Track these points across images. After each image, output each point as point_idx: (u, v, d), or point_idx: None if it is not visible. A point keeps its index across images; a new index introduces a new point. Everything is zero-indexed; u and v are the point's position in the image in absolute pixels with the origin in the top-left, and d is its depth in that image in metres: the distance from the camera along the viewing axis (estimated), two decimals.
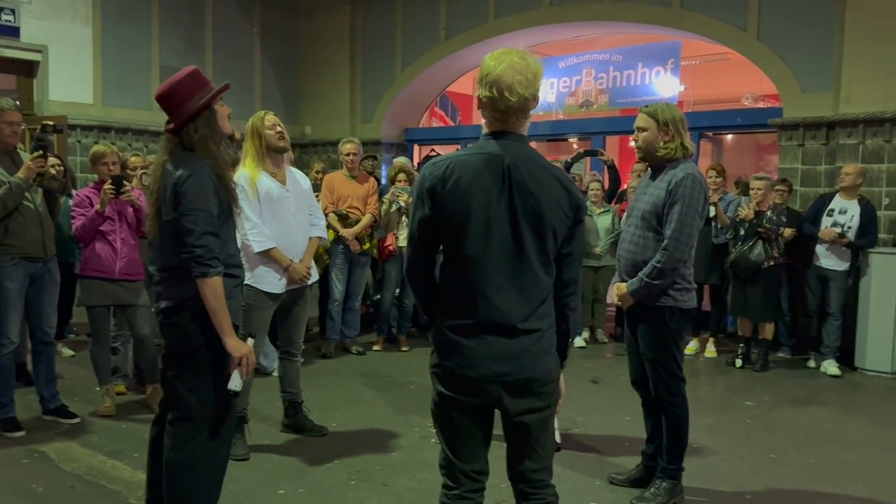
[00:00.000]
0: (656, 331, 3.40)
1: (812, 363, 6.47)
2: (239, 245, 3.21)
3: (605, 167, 7.69)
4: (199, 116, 2.76)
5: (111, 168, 4.70)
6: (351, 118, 10.73)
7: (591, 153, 7.79)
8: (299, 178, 4.24)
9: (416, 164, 10.60)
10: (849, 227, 6.21)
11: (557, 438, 2.42)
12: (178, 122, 2.76)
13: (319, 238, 4.34)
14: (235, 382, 2.80)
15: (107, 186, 4.53)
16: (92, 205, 4.62)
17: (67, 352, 6.20)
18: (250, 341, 2.88)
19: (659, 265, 3.28)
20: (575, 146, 10.44)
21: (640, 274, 3.34)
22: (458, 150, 8.29)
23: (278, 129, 4.05)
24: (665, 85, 8.97)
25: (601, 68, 9.54)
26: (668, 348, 3.41)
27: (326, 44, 10.85)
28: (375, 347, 6.75)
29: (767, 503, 3.62)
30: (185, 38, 10.03)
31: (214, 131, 2.81)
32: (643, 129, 3.41)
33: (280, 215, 4.01)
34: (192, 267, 2.66)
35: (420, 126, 11.10)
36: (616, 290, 3.49)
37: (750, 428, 4.78)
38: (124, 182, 4.63)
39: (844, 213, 6.26)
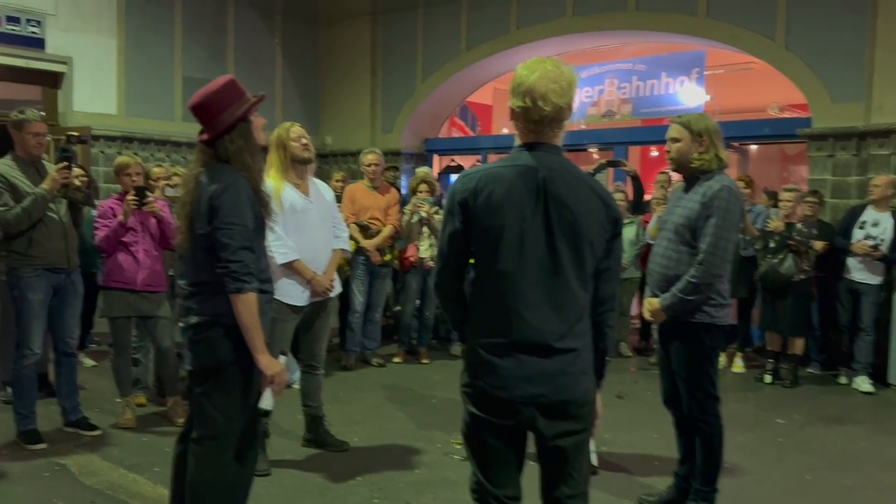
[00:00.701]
0: (690, 348, 3.30)
1: (844, 379, 6.31)
2: None
3: (629, 178, 7.58)
4: (236, 128, 2.70)
5: (134, 179, 4.68)
6: (371, 128, 10.70)
7: (613, 164, 7.69)
8: (323, 190, 4.19)
9: (435, 174, 10.56)
10: (882, 240, 6.06)
11: (594, 461, 2.33)
12: (213, 133, 2.70)
13: (342, 250, 4.29)
14: (267, 401, 2.74)
15: (130, 198, 4.51)
16: (115, 216, 4.60)
17: (89, 362, 6.19)
18: (282, 359, 2.82)
19: (693, 280, 3.18)
20: (596, 156, 10.35)
21: (674, 289, 3.24)
22: (478, 160, 8.23)
23: (304, 140, 4.01)
24: (689, 95, 8.86)
25: (624, 78, 9.45)
26: (702, 367, 3.31)
27: (347, 54, 10.85)
28: (396, 360, 6.68)
29: None
30: (207, 48, 10.06)
31: (250, 143, 2.75)
32: (676, 140, 3.32)
33: (303, 227, 3.96)
34: (227, 282, 2.60)
35: (440, 136, 11.04)
36: (647, 306, 3.39)
37: (782, 447, 4.64)
38: (147, 193, 4.60)
39: (877, 226, 6.11)
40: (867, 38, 6.78)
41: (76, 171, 5.42)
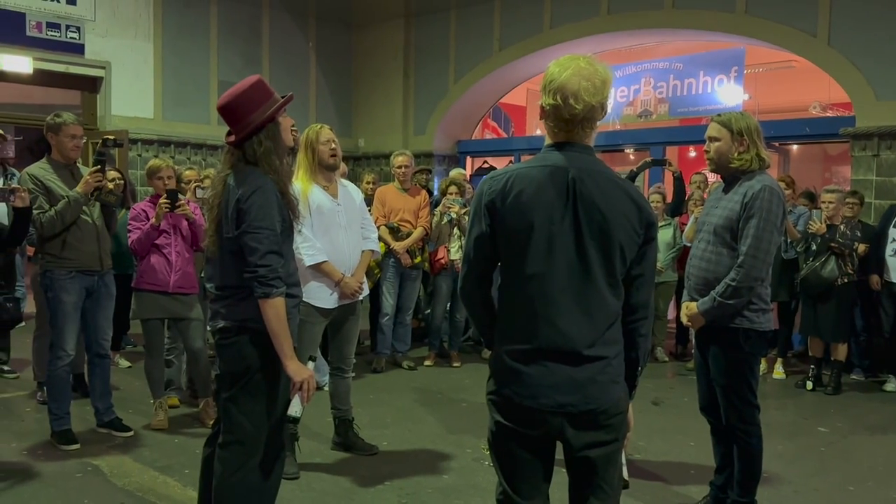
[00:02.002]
0: (730, 355, 3.18)
1: (890, 386, 6.09)
2: None
3: (673, 178, 7.42)
4: (264, 129, 2.66)
5: (166, 182, 4.70)
6: (403, 130, 10.70)
7: (658, 162, 7.55)
8: (352, 192, 4.16)
9: (468, 176, 10.51)
10: None
11: (625, 475, 2.24)
12: (241, 134, 2.67)
13: (372, 252, 4.25)
14: (296, 408, 2.71)
15: (162, 201, 4.54)
16: (148, 218, 4.63)
17: (124, 363, 6.26)
18: (311, 365, 2.79)
19: (734, 283, 3.07)
20: (632, 157, 10.19)
21: (713, 293, 3.13)
22: (510, 162, 8.15)
23: (332, 145, 3.98)
24: (728, 94, 8.68)
25: (661, 77, 9.30)
26: (742, 374, 3.19)
27: (380, 57, 10.87)
28: (427, 363, 6.63)
29: None
30: (242, 53, 10.16)
31: (278, 144, 2.72)
32: (716, 140, 3.21)
33: (331, 229, 3.94)
34: (255, 287, 2.57)
35: (473, 138, 10.99)
36: (686, 311, 3.28)
37: (824, 456, 4.49)
38: (179, 196, 4.63)
39: None
40: None
41: (111, 174, 5.50)
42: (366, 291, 4.17)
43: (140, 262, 4.68)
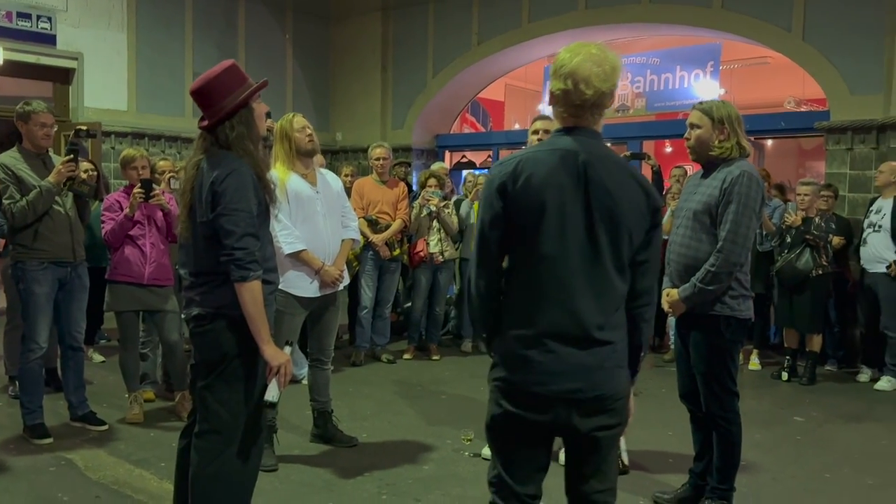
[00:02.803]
0: (710, 342, 3.20)
1: (864, 377, 6.18)
2: None
3: (652, 172, 7.45)
4: (237, 114, 2.63)
5: (140, 172, 4.62)
6: (382, 125, 10.65)
7: (637, 156, 7.58)
8: (330, 180, 4.13)
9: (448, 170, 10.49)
10: (880, 226, 5.95)
11: (625, 460, 2.25)
12: (213, 119, 2.64)
13: (353, 240, 4.22)
14: (273, 393, 2.68)
15: (136, 190, 4.46)
16: (122, 209, 4.56)
17: (98, 357, 6.16)
18: (288, 349, 2.76)
19: (713, 269, 3.08)
20: None
21: (693, 279, 3.14)
22: (489, 157, 8.11)
23: (308, 131, 3.95)
24: (705, 89, 8.71)
25: (638, 72, 9.33)
26: (722, 361, 3.21)
27: (357, 50, 10.80)
28: (406, 356, 6.60)
29: None
30: (218, 45, 10.02)
31: (252, 130, 2.68)
32: (697, 127, 3.23)
33: (310, 217, 3.90)
34: (232, 270, 2.54)
35: (451, 132, 10.97)
36: (667, 297, 3.28)
37: (800, 445, 4.53)
38: (153, 186, 4.55)
39: (879, 213, 6.01)
40: (886, 28, 6.64)
41: (84, 164, 5.40)
42: (347, 280, 4.14)
43: (114, 253, 4.60)
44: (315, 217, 3.91)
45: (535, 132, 4.01)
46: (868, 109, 6.78)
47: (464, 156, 10.76)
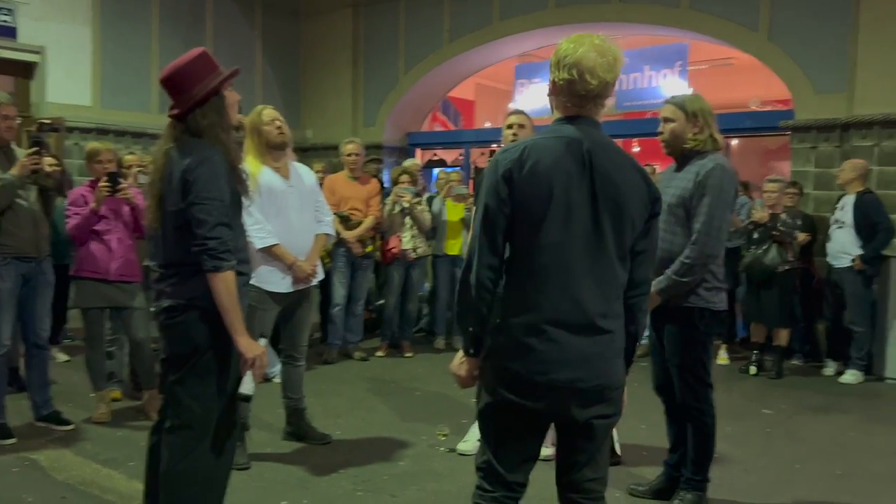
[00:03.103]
0: (685, 334, 3.22)
1: (829, 370, 6.29)
2: None
3: None
4: (208, 102, 2.58)
5: (106, 166, 4.53)
6: (353, 122, 10.57)
7: None
8: (303, 174, 4.08)
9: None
10: (843, 222, 6.08)
11: (618, 450, 2.27)
12: (183, 106, 2.58)
13: (326, 235, 4.17)
14: (248, 386, 2.64)
15: (102, 184, 4.36)
16: (87, 203, 4.45)
17: (62, 356, 6.01)
18: (262, 341, 2.72)
19: (688, 261, 3.11)
20: None
21: (668, 271, 3.16)
22: (461, 155, 8.09)
23: (277, 123, 3.89)
24: (672, 88, 8.81)
25: None
26: (696, 353, 3.24)
27: (328, 47, 10.70)
28: (379, 353, 6.57)
29: None
30: (185, 40, 9.83)
31: (223, 118, 2.63)
32: (670, 120, 3.25)
33: (283, 211, 3.85)
34: (204, 260, 2.47)
35: (422, 130, 10.93)
36: None
37: (770, 437, 4.60)
38: (120, 179, 4.45)
39: (843, 209, 6.13)
40: (850, 29, 6.77)
41: (48, 158, 5.27)
42: (321, 276, 4.09)
43: (79, 248, 4.49)
44: (288, 211, 3.86)
45: (510, 126, 4.02)
46: (832, 108, 6.90)
47: (435, 154, 10.75)
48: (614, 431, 2.25)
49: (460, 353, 2.20)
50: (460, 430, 4.29)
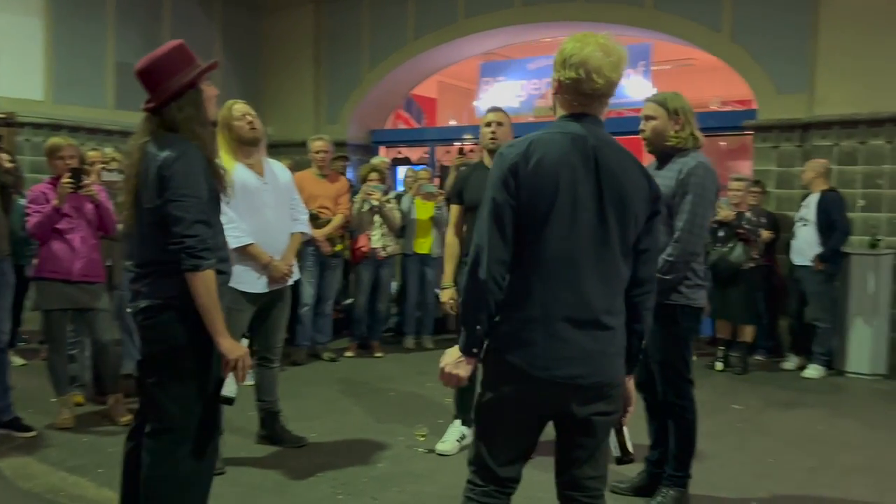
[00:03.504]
0: (666, 331, 3.22)
1: (789, 364, 6.42)
2: None
3: None
4: (184, 95, 2.50)
5: (68, 162, 4.35)
6: (315, 119, 10.42)
7: None
8: (277, 171, 3.98)
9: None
10: (807, 220, 6.22)
11: (630, 448, 2.26)
12: (159, 100, 2.51)
13: (302, 234, 4.08)
14: (230, 388, 2.55)
15: (65, 180, 4.19)
16: (48, 201, 4.29)
17: (18, 361, 5.77)
18: (245, 342, 2.64)
19: (671, 259, 3.12)
20: None
21: None
22: (425, 153, 8.06)
23: (248, 118, 3.79)
24: (636, 88, 8.91)
25: None
26: (678, 350, 3.26)
27: (289, 42, 10.54)
28: (348, 353, 6.48)
29: None
30: (142, 33, 9.59)
31: (200, 112, 2.55)
32: (652, 118, 3.26)
33: (258, 209, 3.75)
34: (182, 259, 2.39)
35: (386, 128, 10.85)
36: None
37: (742, 432, 4.66)
38: (83, 176, 4.29)
39: (807, 208, 6.27)
40: (810, 31, 6.91)
41: (4, 155, 5.07)
42: (296, 275, 4.00)
43: (41, 248, 4.32)
44: (263, 209, 3.77)
45: (488, 124, 4.00)
46: (793, 109, 7.04)
47: (399, 151, 10.66)
48: (625, 430, 2.23)
49: (456, 352, 2.09)
50: (438, 430, 4.25)
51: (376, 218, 6.34)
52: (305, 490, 3.55)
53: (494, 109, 4.07)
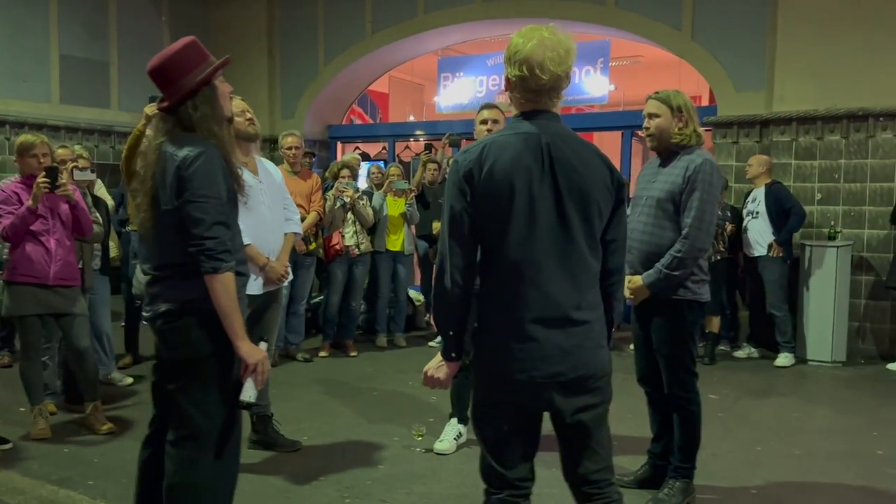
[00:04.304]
0: (673, 326, 3.28)
1: (741, 353, 6.67)
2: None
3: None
4: (199, 93, 2.43)
5: (42, 160, 4.15)
6: (270, 114, 10.20)
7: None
8: (271, 170, 3.89)
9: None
10: (757, 213, 6.44)
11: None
12: (173, 99, 2.44)
13: (295, 234, 3.99)
14: (249, 393, 2.48)
15: (40, 180, 3.99)
16: (21, 201, 4.08)
17: None
18: (263, 345, 2.57)
19: (679, 255, 3.16)
20: None
21: (658, 265, 3.21)
22: (384, 148, 8.05)
23: (248, 115, 3.71)
24: (595, 84, 9.04)
25: None
26: (684, 343, 3.31)
27: (241, 35, 10.27)
28: (322, 354, 6.38)
29: (774, 497, 3.58)
30: (87, 25, 9.22)
31: (216, 110, 2.49)
32: (655, 116, 3.30)
33: (254, 208, 3.62)
34: (202, 262, 2.33)
35: (343, 123, 10.72)
36: (629, 284, 3.33)
37: (725, 421, 4.77)
38: (59, 175, 4.09)
39: (755, 201, 6.49)
40: (767, 29, 7.14)
41: None
42: (291, 276, 3.91)
43: (13, 251, 4.10)
44: (259, 209, 3.66)
45: (484, 122, 3.98)
46: (752, 105, 7.26)
47: (357, 147, 10.53)
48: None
49: (438, 357, 2.18)
50: (430, 429, 4.22)
51: (349, 215, 6.25)
52: (311, 494, 3.48)
53: (489, 106, 4.06)
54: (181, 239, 2.37)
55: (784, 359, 6.32)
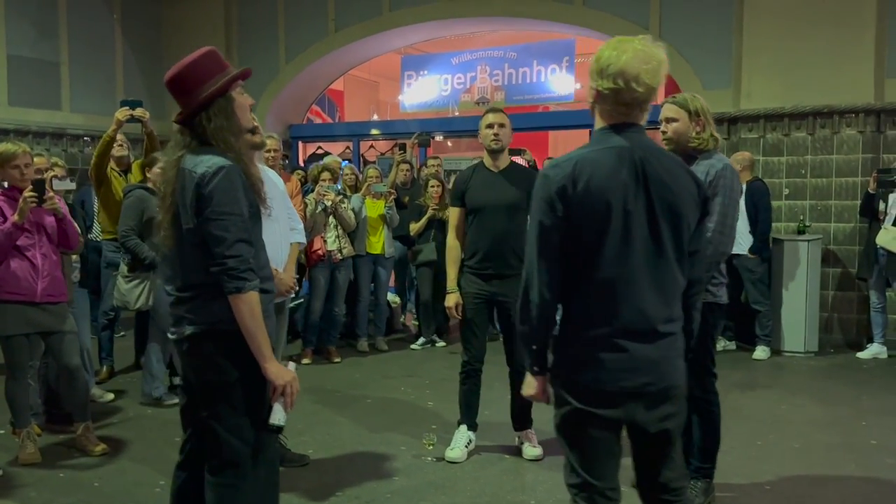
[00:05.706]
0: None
1: (717, 346, 6.76)
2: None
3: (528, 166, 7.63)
4: (214, 104, 2.34)
5: (25, 171, 3.92)
6: None
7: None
8: (274, 178, 3.77)
9: (301, 162, 10.05)
10: None
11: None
12: (188, 109, 2.35)
13: (299, 244, 3.89)
14: (279, 416, 2.41)
15: (28, 194, 3.77)
16: (4, 215, 3.85)
17: None
18: (292, 366, 2.50)
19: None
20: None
21: None
22: (348, 148, 7.98)
23: (254, 123, 3.56)
24: (560, 83, 9.10)
25: (496, 65, 9.51)
26: (705, 346, 3.36)
27: (197, 33, 9.94)
28: (305, 361, 6.24)
29: (787, 492, 3.66)
30: (36, 24, 8.80)
31: (232, 122, 2.39)
32: (673, 120, 3.31)
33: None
34: (224, 282, 2.25)
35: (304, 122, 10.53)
36: None
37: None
38: (46, 188, 3.88)
39: None
40: (733, 27, 7.30)
41: None
42: (297, 287, 3.80)
43: None
44: (266, 219, 3.53)
45: (490, 126, 3.94)
46: (719, 103, 7.38)
47: (319, 147, 10.36)
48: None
49: (528, 377, 2.21)
50: (434, 434, 4.19)
51: (331, 219, 6.14)
52: None
53: (494, 110, 4.03)
54: (204, 258, 2.29)
55: (761, 352, 6.49)
